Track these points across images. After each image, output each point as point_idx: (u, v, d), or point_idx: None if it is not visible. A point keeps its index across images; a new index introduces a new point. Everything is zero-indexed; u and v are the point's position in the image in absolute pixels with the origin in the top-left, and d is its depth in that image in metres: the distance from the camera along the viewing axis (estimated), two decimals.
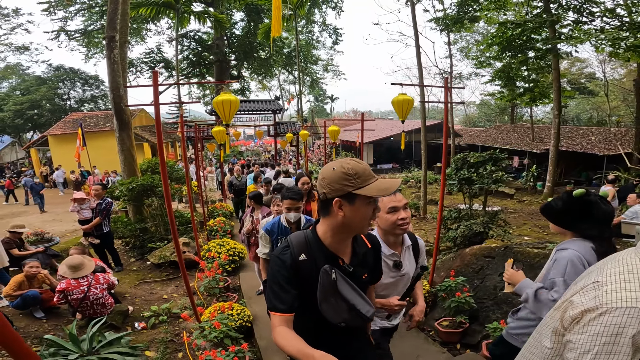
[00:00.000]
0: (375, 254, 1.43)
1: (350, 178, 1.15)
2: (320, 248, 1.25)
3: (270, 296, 1.22)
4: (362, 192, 1.13)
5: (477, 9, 13.45)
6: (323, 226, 1.26)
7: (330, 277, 1.20)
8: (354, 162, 1.18)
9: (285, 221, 2.71)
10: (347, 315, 1.23)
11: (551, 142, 12.04)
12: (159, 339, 3.52)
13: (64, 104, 29.32)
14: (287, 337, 1.13)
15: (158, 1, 13.04)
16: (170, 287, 4.90)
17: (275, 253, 1.27)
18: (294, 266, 1.21)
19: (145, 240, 5.48)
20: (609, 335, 0.90)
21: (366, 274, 1.36)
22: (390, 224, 1.67)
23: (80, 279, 3.17)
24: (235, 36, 25.56)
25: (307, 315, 1.26)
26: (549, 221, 1.76)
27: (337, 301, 1.21)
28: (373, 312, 1.28)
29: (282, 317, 1.18)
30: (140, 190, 5.34)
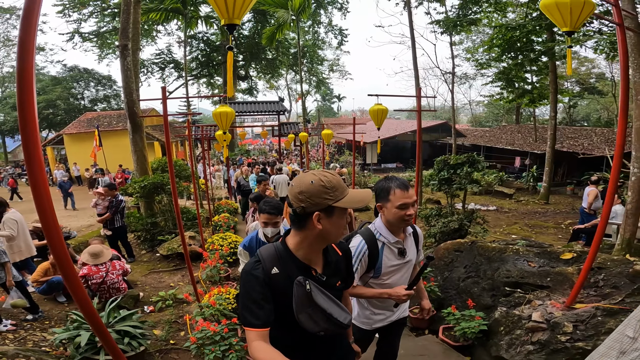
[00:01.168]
0: (347, 260, 1.45)
1: (330, 191, 1.17)
2: (292, 260, 1.25)
3: (245, 313, 1.21)
4: (340, 205, 1.17)
5: (478, 11, 13.70)
6: (295, 238, 1.26)
7: (305, 288, 1.20)
8: (330, 175, 1.20)
9: (263, 236, 2.60)
10: (325, 325, 1.23)
11: (547, 143, 12.23)
12: (165, 320, 3.99)
13: (78, 103, 30.25)
14: (264, 350, 1.14)
15: (167, 7, 13.60)
16: (177, 277, 5.40)
17: (246, 269, 1.26)
18: (267, 281, 1.21)
19: (155, 233, 6.02)
20: None
21: (339, 281, 1.37)
22: (398, 218, 1.74)
23: (100, 266, 3.67)
24: (243, 37, 26.12)
25: (285, 328, 1.27)
26: None
27: (314, 311, 1.22)
28: (350, 319, 1.30)
29: (258, 333, 1.18)
30: (151, 188, 5.88)
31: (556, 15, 2.12)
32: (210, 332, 2.57)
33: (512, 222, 8.95)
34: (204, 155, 11.78)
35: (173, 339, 3.71)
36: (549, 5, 2.08)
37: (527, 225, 8.58)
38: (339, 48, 28.49)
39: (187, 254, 3.58)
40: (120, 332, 2.93)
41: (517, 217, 9.63)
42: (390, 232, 1.82)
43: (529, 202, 12.12)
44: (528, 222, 8.97)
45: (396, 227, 1.81)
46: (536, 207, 11.36)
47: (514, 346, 2.46)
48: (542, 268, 2.82)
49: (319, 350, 1.36)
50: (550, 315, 2.37)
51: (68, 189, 12.45)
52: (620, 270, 2.49)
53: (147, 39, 26.23)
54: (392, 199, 1.74)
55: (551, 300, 2.52)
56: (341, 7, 25.39)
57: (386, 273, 1.83)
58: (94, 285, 3.69)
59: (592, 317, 2.20)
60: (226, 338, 2.58)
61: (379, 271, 1.82)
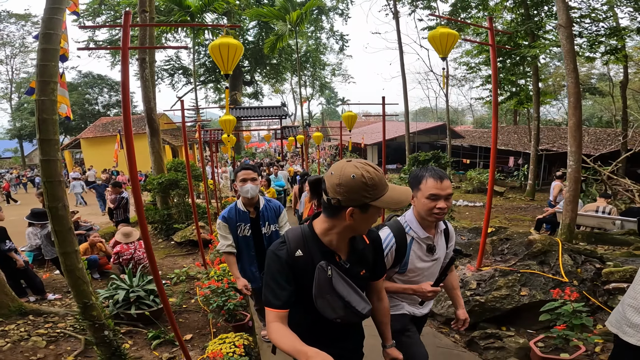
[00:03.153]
0: (375, 250, 1.40)
1: (370, 189, 1.12)
2: (317, 244, 1.25)
3: (266, 291, 1.23)
4: (377, 204, 1.13)
5: (467, 17, 14.48)
6: (324, 224, 1.25)
7: (326, 273, 1.20)
8: (373, 171, 1.13)
9: (243, 205, 2.63)
10: (342, 312, 1.23)
11: (531, 144, 12.92)
12: (179, 291, 4.89)
13: (92, 108, 31.66)
14: (281, 333, 1.15)
15: (176, 19, 14.66)
16: (189, 260, 6.32)
17: (272, 248, 1.27)
18: (289, 262, 1.22)
19: (170, 224, 6.99)
20: None
21: (364, 270, 1.34)
22: (427, 209, 1.60)
23: (130, 244, 4.60)
24: (248, 42, 27.19)
25: (303, 310, 1.28)
26: None
27: (332, 298, 1.21)
28: (369, 309, 1.28)
29: (277, 313, 1.20)
30: (167, 184, 6.87)
31: (435, 44, 2.86)
32: (214, 287, 3.45)
33: (493, 216, 9.69)
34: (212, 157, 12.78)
35: (185, 304, 4.61)
36: (430, 38, 2.92)
37: (506, 219, 9.32)
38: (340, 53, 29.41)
39: (200, 237, 4.48)
40: (147, 290, 3.84)
41: (500, 212, 10.37)
42: (421, 226, 1.69)
43: (515, 199, 12.83)
44: (508, 216, 9.71)
45: (428, 222, 1.67)
46: (521, 203, 12.06)
47: (441, 301, 3.27)
48: (469, 240, 3.65)
49: (332, 336, 1.37)
50: (464, 275, 3.19)
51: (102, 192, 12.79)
52: (521, 240, 3.31)
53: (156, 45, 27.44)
54: (422, 188, 1.61)
55: (468, 264, 3.36)
56: (342, 13, 26.33)
57: (412, 270, 1.73)
58: (125, 261, 4.62)
59: (491, 277, 2.98)
60: (226, 291, 3.46)
61: (405, 267, 1.71)
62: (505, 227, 3.77)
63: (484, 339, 2.61)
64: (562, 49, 5.39)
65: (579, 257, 3.00)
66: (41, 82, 1.88)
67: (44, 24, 2.08)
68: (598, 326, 2.71)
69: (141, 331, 3.70)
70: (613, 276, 2.81)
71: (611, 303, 2.75)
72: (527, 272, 2.83)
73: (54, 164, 1.83)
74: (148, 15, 8.96)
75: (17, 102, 32.11)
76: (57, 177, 1.83)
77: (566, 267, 2.84)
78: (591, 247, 4.96)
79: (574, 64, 5.22)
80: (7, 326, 3.51)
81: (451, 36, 2.78)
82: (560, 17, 5.37)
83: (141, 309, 3.71)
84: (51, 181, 1.80)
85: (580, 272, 2.86)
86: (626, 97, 15.07)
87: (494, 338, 2.59)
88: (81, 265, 1.87)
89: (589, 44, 11.61)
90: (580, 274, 2.85)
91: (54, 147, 1.85)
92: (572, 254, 3.01)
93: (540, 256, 3.00)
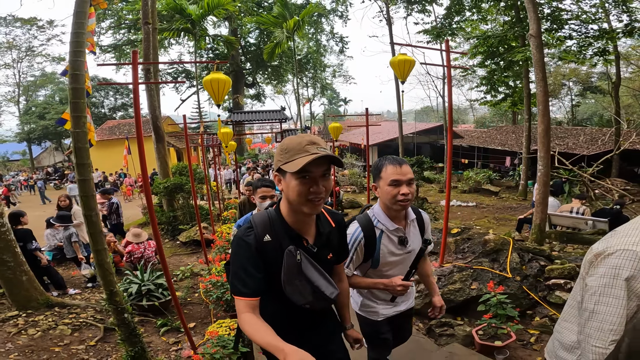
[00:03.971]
0: (340, 233, 1.40)
1: (281, 153, 1.14)
2: (284, 228, 1.23)
3: (234, 280, 1.18)
4: (284, 168, 1.12)
5: (461, 20, 14.87)
6: (283, 201, 1.25)
7: (295, 258, 1.18)
8: (294, 137, 1.15)
9: None
10: (310, 297, 1.22)
11: (523, 144, 13.31)
12: (184, 286, 5.42)
13: (99, 111, 32.39)
14: (255, 327, 1.10)
15: (178, 27, 15.24)
16: (193, 258, 6.85)
17: (239, 234, 1.22)
18: (258, 248, 1.18)
19: (175, 225, 7.54)
20: (608, 277, 0.94)
21: (331, 254, 1.33)
22: (390, 197, 1.57)
23: (140, 244, 5.14)
24: (250, 44, 27.73)
25: (274, 298, 1.25)
26: None
27: (301, 283, 1.20)
28: (337, 293, 1.27)
29: (248, 302, 1.15)
30: (173, 188, 7.42)
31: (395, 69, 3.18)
32: (214, 280, 3.97)
33: (483, 216, 10.13)
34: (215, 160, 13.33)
35: (190, 297, 5.14)
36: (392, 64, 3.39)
37: (494, 219, 9.75)
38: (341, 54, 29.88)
39: (203, 238, 5.00)
40: (156, 284, 4.37)
41: (490, 212, 10.79)
42: (388, 217, 1.65)
43: (508, 199, 13.22)
44: (498, 215, 10.13)
45: (395, 212, 1.63)
46: (513, 203, 12.46)
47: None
48: (438, 239, 4.13)
49: (305, 324, 1.36)
50: None
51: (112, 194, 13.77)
52: (479, 240, 3.78)
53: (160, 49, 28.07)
54: (383, 176, 1.58)
55: (433, 261, 3.83)
56: (342, 15, 26.78)
57: (385, 264, 1.68)
58: (136, 259, 5.15)
59: (450, 272, 3.43)
60: (225, 285, 3.97)
61: (377, 262, 1.67)
62: (469, 228, 4.23)
63: (440, 327, 3.07)
64: (533, 58, 5.77)
65: (527, 255, 3.45)
66: (74, 117, 2.39)
67: (71, 66, 2.59)
68: (536, 319, 3.15)
69: (151, 320, 4.24)
70: (553, 273, 3.26)
71: (549, 297, 3.18)
72: (479, 269, 3.30)
73: (89, 183, 2.34)
74: (151, 27, 9.51)
75: (24, 105, 32.92)
76: (91, 192, 2.35)
77: (513, 264, 3.31)
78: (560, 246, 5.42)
79: (543, 73, 5.62)
80: (37, 317, 4.06)
81: (408, 62, 3.26)
82: (532, 27, 5.73)
83: (151, 300, 4.24)
84: (86, 195, 2.32)
85: (524, 269, 3.32)
86: (619, 97, 15.39)
87: (447, 326, 3.04)
88: (108, 260, 2.39)
89: (579, 46, 11.97)
90: (525, 270, 3.31)
91: (87, 170, 2.36)
92: (520, 253, 3.47)
93: (493, 254, 3.47)
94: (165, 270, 2.68)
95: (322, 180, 1.14)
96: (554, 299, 3.16)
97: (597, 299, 0.96)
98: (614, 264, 0.94)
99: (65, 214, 5.28)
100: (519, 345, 2.94)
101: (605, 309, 0.95)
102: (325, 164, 1.13)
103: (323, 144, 1.14)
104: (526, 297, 3.17)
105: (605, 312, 0.95)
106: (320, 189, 1.13)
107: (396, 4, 15.60)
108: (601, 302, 0.96)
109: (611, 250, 0.96)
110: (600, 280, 0.96)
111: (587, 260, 1.04)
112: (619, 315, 0.93)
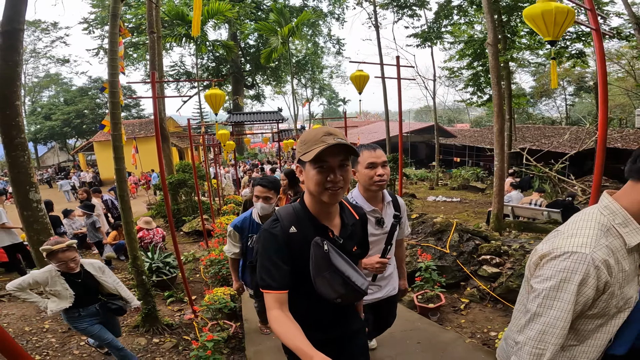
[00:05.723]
0: (363, 225, 1.42)
1: (301, 144, 1.19)
2: (309, 219, 1.24)
3: (262, 273, 1.17)
4: (303, 158, 1.16)
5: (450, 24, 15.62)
6: (306, 193, 1.27)
7: (322, 249, 1.17)
8: (312, 130, 1.20)
9: (257, 216, 2.51)
10: (342, 290, 1.19)
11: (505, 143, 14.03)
12: (187, 268, 6.23)
13: (103, 112, 33.18)
14: (285, 327, 1.09)
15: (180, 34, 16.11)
16: (195, 246, 7.67)
17: (265, 226, 1.23)
18: (285, 240, 1.18)
19: (179, 217, 8.37)
20: (556, 280, 0.91)
21: (356, 246, 1.34)
22: (368, 178, 1.71)
23: (150, 230, 5.95)
24: (250, 46, 28.53)
25: (302, 295, 1.24)
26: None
27: (331, 275, 1.18)
28: (367, 285, 1.27)
29: (276, 296, 1.14)
30: (176, 184, 8.24)
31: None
32: (213, 258, 4.78)
33: (464, 210, 10.90)
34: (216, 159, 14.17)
35: (192, 277, 5.96)
36: (351, 78, 3.38)
37: (474, 212, 10.52)
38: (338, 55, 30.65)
39: (204, 228, 5.80)
40: (164, 262, 5.19)
41: (471, 207, 11.55)
42: (366, 200, 1.79)
43: (491, 195, 13.96)
44: (477, 210, 10.90)
45: (372, 194, 1.78)
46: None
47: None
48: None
49: (332, 321, 1.34)
50: None
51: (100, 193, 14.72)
52: (430, 223, 4.56)
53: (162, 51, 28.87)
54: (360, 161, 1.75)
55: None
56: (338, 17, 27.55)
57: None
58: (146, 245, 5.97)
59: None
60: (221, 261, 4.78)
61: None
62: (425, 213, 5.01)
63: None
64: (490, 64, 6.49)
65: (466, 235, 4.23)
66: (113, 123, 3.23)
67: (109, 85, 3.41)
68: (467, 289, 3.82)
69: (159, 293, 5.06)
70: (482, 250, 4.04)
71: (479, 271, 3.83)
72: (425, 245, 4.10)
73: (123, 171, 3.24)
74: (155, 35, 10.34)
75: (29, 106, 33.80)
76: (124, 178, 3.20)
77: (452, 242, 4.09)
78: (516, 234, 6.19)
79: (498, 79, 6.36)
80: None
81: (363, 77, 3.99)
82: (489, 36, 6.44)
83: (160, 276, 5.05)
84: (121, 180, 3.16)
85: (462, 247, 4.08)
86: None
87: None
88: (134, 230, 3.20)
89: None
90: (462, 247, 4.07)
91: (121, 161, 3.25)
92: (461, 233, 4.25)
93: (439, 234, 4.25)
94: (176, 250, 3.49)
95: (339, 170, 1.16)
96: (481, 272, 3.88)
97: (542, 302, 0.94)
98: (563, 267, 0.91)
99: (89, 204, 6.10)
100: (451, 310, 3.65)
101: (551, 312, 0.92)
102: (341, 154, 1.16)
103: (340, 135, 1.18)
104: (460, 270, 3.94)
105: (550, 316, 0.92)
106: (338, 178, 1.15)
107: (387, 8, 16.36)
108: (546, 305, 0.93)
109: (558, 252, 0.93)
110: (546, 283, 0.93)
111: (532, 263, 1.02)
112: (565, 320, 0.91)
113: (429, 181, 18.79)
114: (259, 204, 2.41)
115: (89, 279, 2.71)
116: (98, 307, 2.76)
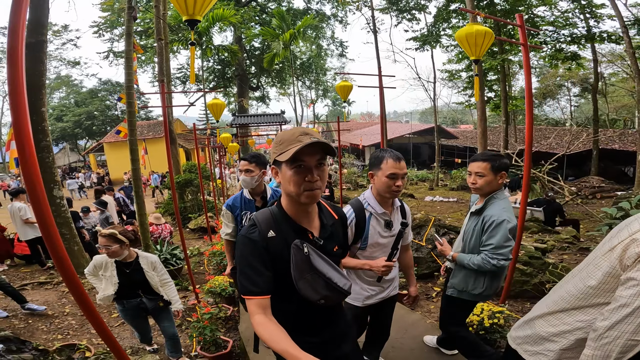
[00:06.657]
0: (343, 224, 1.41)
1: (276, 145, 1.17)
2: (287, 222, 1.22)
3: (242, 280, 1.16)
4: (279, 158, 1.14)
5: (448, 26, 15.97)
6: (283, 196, 1.25)
7: (303, 252, 1.17)
8: (288, 130, 1.19)
9: (249, 193, 2.57)
10: (325, 292, 1.19)
11: (501, 145, 14.37)
12: (192, 261, 6.76)
13: (112, 114, 34.09)
14: (270, 331, 1.09)
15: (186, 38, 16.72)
16: (200, 242, 8.20)
17: (242, 233, 1.21)
18: (264, 245, 1.17)
19: (185, 215, 8.92)
20: None
21: (337, 246, 1.33)
22: (386, 187, 1.77)
23: (159, 225, 6.49)
24: (255, 48, 29.09)
25: (285, 299, 1.23)
26: None
27: (313, 277, 1.18)
28: (350, 285, 1.27)
29: (258, 301, 1.13)
30: (183, 183, 8.80)
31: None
32: (215, 250, 5.28)
33: (458, 210, 11.28)
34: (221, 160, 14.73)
35: (196, 269, 6.47)
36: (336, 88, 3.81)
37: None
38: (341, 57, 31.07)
39: (209, 225, 6.31)
40: (171, 254, 5.71)
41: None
42: (378, 202, 1.85)
43: None
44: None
45: (384, 199, 1.85)
46: None
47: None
48: None
49: (318, 324, 1.34)
50: None
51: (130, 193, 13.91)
52: (412, 218, 5.01)
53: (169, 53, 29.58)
54: (383, 168, 1.77)
55: None
56: (342, 20, 28.00)
57: (373, 245, 1.87)
58: (154, 239, 6.50)
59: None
60: (224, 253, 5.27)
61: (366, 242, 1.85)
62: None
63: None
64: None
65: (442, 230, 4.68)
66: (130, 129, 3.77)
67: (126, 95, 3.95)
68: (440, 279, 4.15)
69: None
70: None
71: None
72: None
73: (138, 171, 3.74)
74: (163, 42, 10.92)
75: None
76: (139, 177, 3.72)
77: (429, 236, 4.53)
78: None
79: (481, 83, 6.78)
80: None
81: (348, 87, 4.42)
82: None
83: (167, 267, 5.57)
84: (136, 178, 3.67)
85: None
86: (597, 100, 16.32)
87: None
88: (147, 222, 3.72)
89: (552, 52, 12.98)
90: None
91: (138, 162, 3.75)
92: (438, 228, 4.69)
93: (417, 228, 4.69)
94: (183, 244, 4.00)
95: (316, 169, 1.15)
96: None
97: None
98: None
99: (103, 201, 6.65)
100: (423, 297, 4.02)
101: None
102: (318, 153, 1.14)
103: (316, 135, 1.16)
104: (434, 262, 4.38)
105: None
106: (315, 177, 1.14)
107: (387, 13, 16.78)
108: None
109: None
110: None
111: (633, 253, 0.95)
112: None
113: (430, 182, 19.14)
114: (242, 176, 2.54)
115: (137, 271, 2.68)
116: (139, 301, 2.76)
